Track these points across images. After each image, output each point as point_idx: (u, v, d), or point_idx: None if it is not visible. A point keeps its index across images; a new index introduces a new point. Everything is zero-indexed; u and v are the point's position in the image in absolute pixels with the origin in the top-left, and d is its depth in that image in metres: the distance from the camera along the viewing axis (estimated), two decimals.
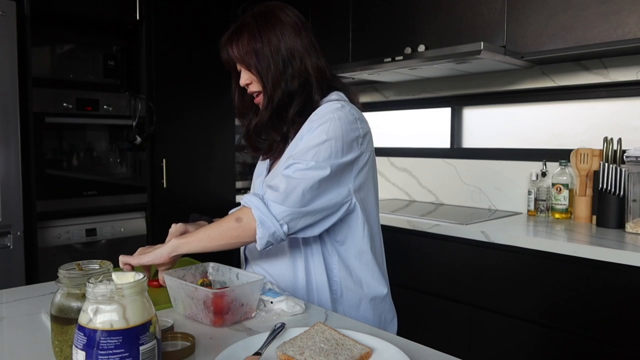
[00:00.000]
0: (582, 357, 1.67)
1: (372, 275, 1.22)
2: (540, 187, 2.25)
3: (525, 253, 1.80)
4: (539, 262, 1.76)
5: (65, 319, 0.77)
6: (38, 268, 2.35)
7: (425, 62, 2.20)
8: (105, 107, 2.67)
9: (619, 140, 1.97)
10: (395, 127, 3.06)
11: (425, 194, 2.81)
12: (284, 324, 0.90)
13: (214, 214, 1.40)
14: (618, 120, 2.14)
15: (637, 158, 1.85)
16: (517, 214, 2.33)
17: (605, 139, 2.00)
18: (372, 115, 3.10)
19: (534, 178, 2.28)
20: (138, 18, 2.72)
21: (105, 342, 0.64)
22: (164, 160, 2.81)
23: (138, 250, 1.17)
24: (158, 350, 0.69)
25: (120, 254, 1.14)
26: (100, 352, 0.64)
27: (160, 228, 2.80)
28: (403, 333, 1.03)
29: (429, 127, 2.90)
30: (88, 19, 2.63)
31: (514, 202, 2.42)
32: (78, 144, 2.65)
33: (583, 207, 2.10)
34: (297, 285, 1.19)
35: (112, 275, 0.70)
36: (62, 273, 0.79)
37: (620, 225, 1.91)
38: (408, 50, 2.34)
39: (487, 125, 2.64)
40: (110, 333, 0.64)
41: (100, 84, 2.71)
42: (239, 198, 3.19)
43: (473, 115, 2.71)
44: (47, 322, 0.95)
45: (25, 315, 1.03)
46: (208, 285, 1.07)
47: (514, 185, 2.42)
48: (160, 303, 1.07)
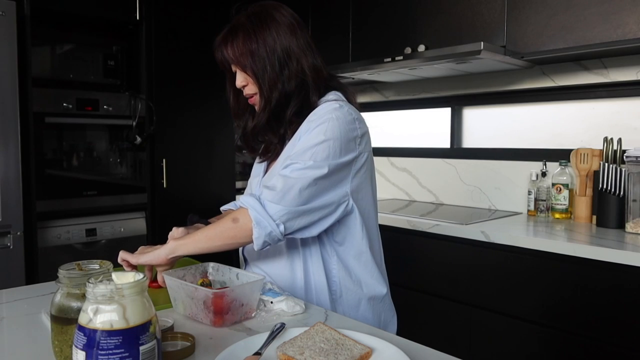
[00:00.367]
0: (582, 357, 1.67)
1: (371, 276, 1.22)
2: (540, 187, 2.25)
3: (525, 253, 1.80)
4: (539, 262, 1.76)
5: (65, 319, 0.77)
6: (38, 268, 2.35)
7: (425, 62, 2.21)
8: (105, 107, 2.67)
9: (619, 140, 1.97)
10: (395, 127, 3.06)
11: (425, 194, 2.81)
12: (284, 324, 0.89)
13: (214, 214, 1.40)
14: (618, 120, 2.14)
15: (637, 158, 1.85)
16: (517, 214, 2.33)
17: (605, 139, 2.00)
18: (372, 115, 3.10)
19: (534, 178, 2.28)
20: (138, 18, 2.72)
21: (105, 342, 0.64)
22: (164, 160, 2.81)
23: (139, 249, 1.17)
24: (158, 350, 0.69)
25: (121, 250, 1.14)
26: (100, 352, 0.64)
27: (160, 228, 2.80)
28: (403, 333, 1.02)
29: (429, 127, 2.90)
30: (88, 19, 2.63)
31: (514, 202, 2.42)
32: (78, 144, 2.65)
33: (583, 207, 2.10)
34: (295, 286, 1.19)
35: (112, 275, 0.70)
36: (62, 273, 0.79)
37: (620, 225, 1.91)
38: (408, 50, 2.34)
39: (487, 125, 2.64)
40: (110, 333, 0.64)
41: (100, 84, 2.71)
42: (239, 198, 3.19)
43: (473, 115, 2.71)
44: (47, 322, 0.95)
45: (25, 315, 1.03)
46: (208, 285, 1.07)
47: (514, 185, 2.42)
48: (160, 303, 1.07)
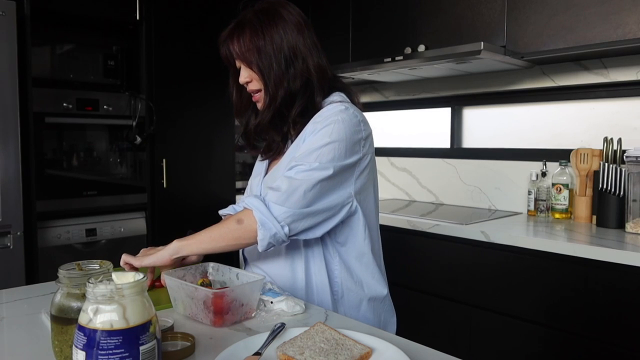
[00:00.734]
0: (582, 357, 1.67)
1: (372, 276, 1.22)
2: (540, 187, 2.25)
3: (525, 253, 1.80)
4: (539, 262, 1.76)
5: (65, 319, 0.77)
6: (38, 268, 2.35)
7: (425, 62, 2.21)
8: (105, 107, 2.67)
9: (619, 140, 1.97)
10: (395, 127, 3.06)
11: (425, 194, 2.81)
12: (284, 324, 0.89)
13: (214, 214, 1.40)
14: (618, 120, 2.14)
15: (637, 158, 1.85)
16: (517, 214, 2.33)
17: (605, 139, 2.00)
18: (372, 115, 3.10)
19: (534, 178, 2.28)
20: (138, 18, 2.72)
21: (105, 342, 0.64)
22: (164, 160, 2.81)
23: (141, 252, 1.17)
24: (158, 350, 0.69)
25: (124, 253, 1.14)
26: (100, 352, 0.64)
27: (160, 228, 2.80)
28: (403, 333, 1.02)
29: (429, 127, 2.90)
30: (88, 19, 2.63)
31: (514, 202, 2.42)
32: (78, 144, 2.65)
33: (583, 207, 2.10)
34: (296, 286, 1.19)
35: (112, 275, 0.70)
36: (62, 273, 0.79)
37: (620, 225, 1.91)
38: (408, 50, 2.34)
39: (487, 125, 2.64)
40: (110, 333, 0.64)
41: (100, 84, 2.71)
42: (239, 198, 3.19)
43: (473, 115, 2.71)
44: (47, 322, 0.95)
45: (25, 315, 1.03)
46: (208, 285, 1.07)
47: (514, 185, 2.42)
48: (164, 303, 1.07)
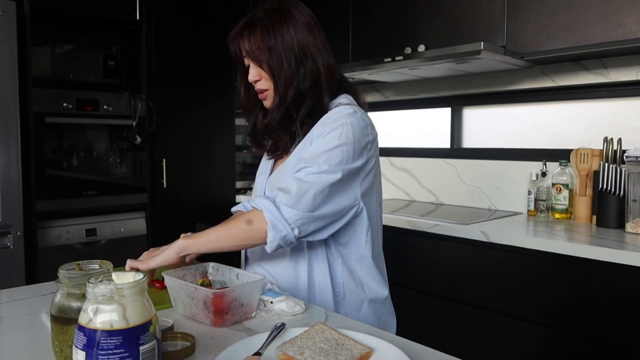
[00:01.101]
0: (582, 357, 1.67)
1: (372, 278, 1.22)
2: (540, 187, 2.25)
3: (525, 253, 1.79)
4: (539, 262, 1.76)
5: (65, 319, 0.77)
6: (38, 268, 2.35)
7: (425, 62, 2.21)
8: (105, 107, 2.67)
9: (619, 140, 1.97)
10: (395, 127, 3.06)
11: (425, 194, 2.81)
12: (284, 324, 0.89)
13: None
14: (618, 120, 2.14)
15: (637, 158, 1.85)
16: (517, 214, 2.33)
17: (605, 139, 2.00)
18: (372, 115, 3.08)
19: (534, 178, 2.28)
20: (138, 18, 2.72)
21: (105, 342, 0.64)
22: (164, 160, 2.81)
23: (144, 254, 1.15)
24: (158, 350, 0.69)
25: (128, 259, 1.12)
26: (100, 352, 0.64)
27: (160, 228, 2.80)
28: (403, 333, 1.02)
29: (429, 127, 2.89)
30: (88, 19, 2.63)
31: (514, 202, 2.42)
32: (78, 144, 2.65)
33: (583, 207, 2.10)
34: (298, 287, 1.19)
35: (112, 275, 0.70)
36: (62, 273, 0.79)
37: (620, 225, 1.91)
38: (408, 50, 2.34)
39: (487, 125, 2.64)
40: (110, 333, 0.64)
41: (100, 84, 2.71)
42: (239, 198, 3.19)
43: (473, 115, 2.71)
44: (47, 322, 0.95)
45: (25, 315, 1.03)
46: (208, 285, 1.07)
47: (514, 185, 2.42)
48: (167, 302, 1.06)
